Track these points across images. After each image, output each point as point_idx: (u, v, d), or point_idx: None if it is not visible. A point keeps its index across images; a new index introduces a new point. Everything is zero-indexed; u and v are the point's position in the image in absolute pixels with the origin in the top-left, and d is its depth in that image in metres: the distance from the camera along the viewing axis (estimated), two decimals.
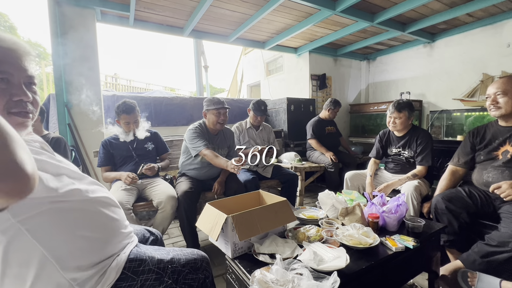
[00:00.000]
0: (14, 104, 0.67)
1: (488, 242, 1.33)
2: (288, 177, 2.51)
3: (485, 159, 1.65)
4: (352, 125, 4.88)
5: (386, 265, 1.14)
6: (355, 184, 2.30)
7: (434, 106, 4.01)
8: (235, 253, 1.13)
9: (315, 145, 3.25)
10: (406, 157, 2.15)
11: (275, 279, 0.88)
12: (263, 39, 4.01)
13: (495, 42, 3.30)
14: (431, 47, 4.00)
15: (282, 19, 3.26)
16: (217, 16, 3.11)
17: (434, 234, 1.37)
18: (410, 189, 1.88)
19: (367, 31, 3.67)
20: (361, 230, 1.22)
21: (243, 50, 7.15)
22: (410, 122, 2.14)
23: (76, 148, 2.62)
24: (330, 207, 1.52)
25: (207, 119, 2.15)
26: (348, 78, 4.94)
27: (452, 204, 1.56)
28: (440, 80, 3.93)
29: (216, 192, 2.10)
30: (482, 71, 3.43)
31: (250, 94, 7.19)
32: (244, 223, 1.10)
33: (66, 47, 2.61)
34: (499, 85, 1.56)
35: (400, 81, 4.50)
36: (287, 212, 1.26)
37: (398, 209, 1.36)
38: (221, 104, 2.10)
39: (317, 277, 0.92)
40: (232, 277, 1.14)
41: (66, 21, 2.60)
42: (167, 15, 3.03)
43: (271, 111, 4.11)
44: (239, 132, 2.61)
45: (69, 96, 2.65)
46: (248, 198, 1.49)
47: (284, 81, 5.15)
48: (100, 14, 2.88)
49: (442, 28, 3.63)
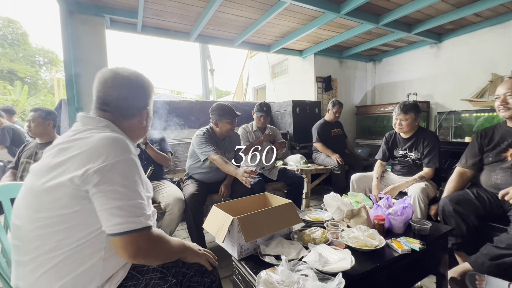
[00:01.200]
0: None
1: (497, 245, 1.31)
2: (294, 179, 2.52)
3: (493, 161, 1.63)
4: (358, 127, 4.85)
5: (392, 268, 1.14)
6: (361, 186, 2.30)
7: (442, 107, 3.96)
8: (241, 254, 1.15)
9: (321, 148, 3.25)
10: (412, 159, 2.14)
11: (281, 280, 0.89)
12: (268, 42, 4.04)
13: (504, 42, 3.25)
14: (438, 47, 3.96)
15: (286, 23, 3.29)
16: (222, 21, 3.16)
17: (442, 236, 1.36)
18: (417, 191, 1.87)
19: (372, 32, 3.66)
20: (367, 232, 1.22)
21: (248, 53, 7.20)
22: (416, 124, 2.13)
23: None
24: (336, 209, 1.52)
25: (219, 127, 2.13)
26: (354, 80, 4.92)
27: (460, 207, 1.55)
28: (447, 81, 3.88)
29: (223, 195, 2.13)
30: (491, 71, 3.37)
31: (256, 97, 7.23)
32: (250, 225, 1.12)
33: (77, 53, 2.69)
34: (509, 85, 1.54)
35: (407, 82, 4.46)
36: (292, 214, 1.27)
37: (404, 211, 1.36)
38: (234, 114, 2.11)
39: (322, 278, 0.93)
40: (238, 278, 1.16)
41: (77, 28, 2.69)
42: (174, 21, 3.10)
43: (276, 114, 4.13)
44: (247, 132, 2.63)
45: (80, 102, 2.72)
46: (254, 201, 1.51)
47: (289, 83, 5.17)
48: (109, 21, 2.97)
49: (449, 29, 3.60)
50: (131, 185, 0.73)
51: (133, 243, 0.71)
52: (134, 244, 0.71)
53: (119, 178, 0.71)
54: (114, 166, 0.70)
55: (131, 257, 0.71)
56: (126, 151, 0.75)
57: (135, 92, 0.89)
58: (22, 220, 0.74)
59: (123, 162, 0.73)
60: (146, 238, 0.74)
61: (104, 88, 0.86)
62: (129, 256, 0.71)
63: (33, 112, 2.10)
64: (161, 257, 0.81)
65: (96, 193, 0.69)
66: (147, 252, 0.75)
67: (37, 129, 2.08)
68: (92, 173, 0.68)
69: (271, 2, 2.72)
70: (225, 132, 2.15)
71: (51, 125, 2.14)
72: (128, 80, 0.87)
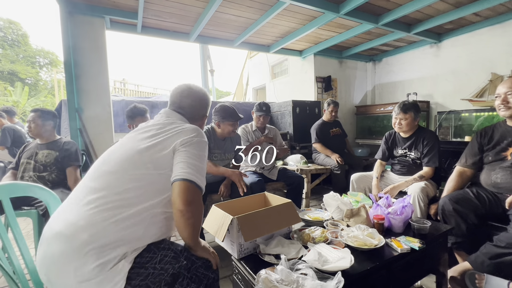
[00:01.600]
0: None
1: (496, 244, 1.31)
2: (293, 179, 2.52)
3: (493, 160, 1.63)
4: (358, 126, 4.85)
5: (391, 267, 1.14)
6: (361, 186, 2.30)
7: (442, 106, 3.96)
8: (241, 253, 1.15)
9: (320, 148, 3.25)
10: (412, 158, 2.14)
11: (280, 279, 0.89)
12: (268, 42, 4.05)
13: (503, 41, 3.26)
14: (438, 47, 3.96)
15: (286, 23, 3.30)
16: (222, 22, 3.16)
17: (441, 235, 1.36)
18: (416, 191, 1.87)
19: (372, 32, 3.67)
20: (366, 231, 1.22)
21: (248, 54, 7.21)
22: (416, 123, 2.13)
23: (87, 152, 2.70)
24: (335, 209, 1.53)
25: (221, 128, 2.13)
26: (354, 79, 4.92)
27: (459, 206, 1.55)
28: (447, 81, 3.88)
29: (222, 195, 2.13)
30: (490, 71, 3.38)
31: (256, 97, 7.23)
32: (249, 224, 1.12)
33: (77, 54, 2.70)
34: (510, 84, 1.53)
35: (407, 82, 4.47)
36: (292, 214, 1.27)
37: (403, 211, 1.36)
38: (237, 117, 2.11)
39: (321, 277, 0.93)
40: (238, 277, 1.16)
41: (77, 29, 2.70)
42: (173, 21, 3.11)
43: (276, 114, 4.13)
44: (247, 132, 2.63)
45: (80, 102, 2.73)
46: (254, 200, 1.51)
47: (289, 83, 5.18)
48: (109, 22, 2.98)
49: (449, 28, 3.60)
50: (202, 156, 1.00)
51: (190, 191, 0.90)
52: (191, 192, 0.90)
53: (197, 148, 1.00)
54: (197, 141, 1.01)
55: (184, 201, 0.88)
56: (204, 137, 1.07)
57: (201, 103, 1.23)
58: (116, 169, 0.94)
59: (202, 142, 1.04)
60: (199, 193, 0.94)
61: (180, 97, 1.19)
62: (183, 200, 0.88)
63: (33, 113, 2.10)
64: (199, 216, 0.94)
65: (181, 151, 0.97)
66: (196, 205, 0.92)
67: (37, 130, 2.09)
68: (186, 140, 0.99)
69: (270, 2, 2.72)
70: (227, 133, 2.15)
71: (51, 125, 2.15)
72: (198, 94, 1.22)
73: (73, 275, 0.78)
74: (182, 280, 0.91)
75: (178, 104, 1.18)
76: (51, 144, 2.14)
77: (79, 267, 0.78)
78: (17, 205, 1.92)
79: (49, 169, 2.07)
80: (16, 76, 15.92)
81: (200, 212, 0.94)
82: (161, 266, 0.88)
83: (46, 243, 0.84)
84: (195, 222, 0.93)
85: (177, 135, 1.01)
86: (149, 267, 0.87)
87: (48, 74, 18.39)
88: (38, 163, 2.06)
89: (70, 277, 0.78)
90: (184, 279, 0.91)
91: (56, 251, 0.80)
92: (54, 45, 59.13)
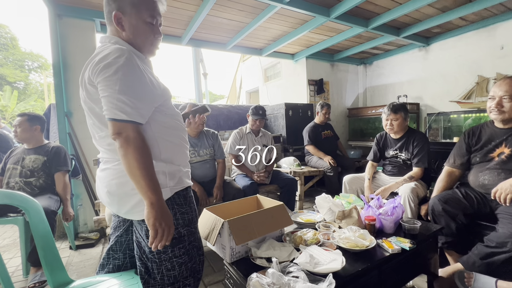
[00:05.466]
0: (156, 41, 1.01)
1: (487, 244, 1.33)
2: (286, 182, 2.52)
3: (480, 161, 1.66)
4: (350, 129, 4.90)
5: (383, 267, 1.15)
6: (354, 187, 2.31)
7: (431, 108, 4.03)
8: (233, 257, 1.14)
9: (313, 150, 3.27)
10: (403, 159, 2.17)
11: (271, 282, 0.89)
12: (260, 46, 4.07)
13: (489, 45, 3.35)
14: (426, 50, 4.05)
15: (278, 27, 3.32)
16: (214, 25, 3.16)
17: (431, 235, 1.38)
18: (407, 191, 1.89)
19: (362, 36, 3.72)
20: (358, 232, 1.23)
21: (241, 57, 7.23)
22: (406, 124, 2.16)
23: (76, 157, 2.64)
24: (327, 211, 1.53)
25: (190, 127, 2.15)
26: (346, 82, 4.98)
27: (448, 206, 1.57)
28: (436, 83, 3.97)
29: (216, 197, 2.12)
30: (477, 73, 3.46)
31: (249, 100, 7.25)
32: (240, 227, 1.12)
33: (66, 57, 2.66)
34: (507, 88, 1.47)
35: (397, 84, 4.54)
36: (284, 216, 1.27)
37: (394, 211, 1.37)
38: (202, 109, 2.11)
39: (313, 280, 0.93)
40: (230, 282, 1.14)
41: (66, 32, 2.66)
42: (165, 24, 3.09)
43: (269, 117, 4.14)
44: (240, 137, 2.62)
45: (69, 106, 2.68)
46: (246, 203, 1.51)
47: (282, 86, 5.20)
48: (99, 25, 2.94)
49: (436, 32, 3.69)
50: (114, 78, 0.85)
51: (115, 127, 0.84)
52: (116, 128, 0.84)
53: (106, 73, 0.86)
54: (104, 65, 0.88)
55: (115, 138, 0.85)
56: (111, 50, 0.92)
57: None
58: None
59: (112, 63, 0.88)
60: (125, 127, 0.84)
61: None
62: (114, 137, 0.85)
63: (20, 117, 2.06)
64: (135, 151, 0.83)
65: (99, 85, 0.89)
66: (125, 139, 0.84)
67: (23, 134, 2.04)
68: (94, 71, 0.90)
69: (262, 6, 2.74)
70: (195, 128, 2.17)
71: (38, 129, 2.10)
72: None
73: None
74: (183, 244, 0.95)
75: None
76: (39, 149, 2.09)
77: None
78: (3, 212, 1.87)
79: (36, 174, 2.02)
80: (4, 80, 15.57)
81: (136, 147, 0.82)
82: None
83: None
84: (133, 158, 0.82)
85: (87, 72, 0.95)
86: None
87: (38, 78, 18.06)
88: (25, 168, 2.01)
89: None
90: (184, 246, 0.95)
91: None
92: (44, 48, 58.21)
